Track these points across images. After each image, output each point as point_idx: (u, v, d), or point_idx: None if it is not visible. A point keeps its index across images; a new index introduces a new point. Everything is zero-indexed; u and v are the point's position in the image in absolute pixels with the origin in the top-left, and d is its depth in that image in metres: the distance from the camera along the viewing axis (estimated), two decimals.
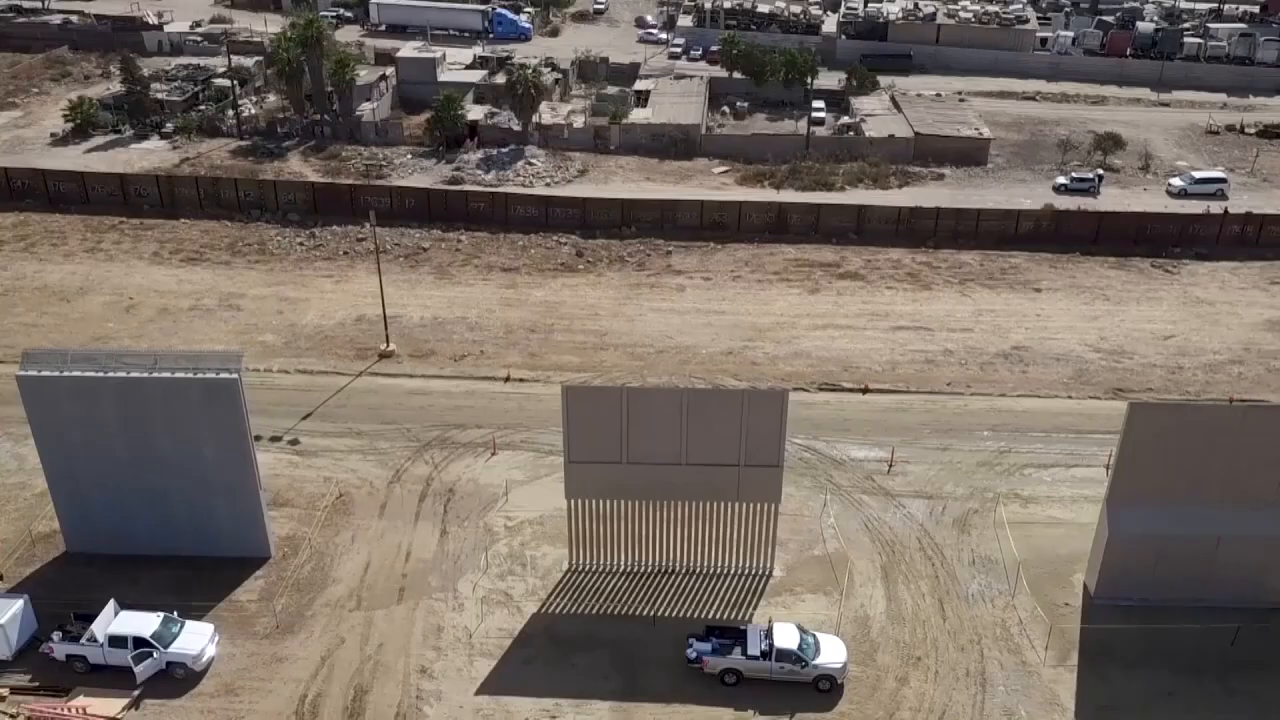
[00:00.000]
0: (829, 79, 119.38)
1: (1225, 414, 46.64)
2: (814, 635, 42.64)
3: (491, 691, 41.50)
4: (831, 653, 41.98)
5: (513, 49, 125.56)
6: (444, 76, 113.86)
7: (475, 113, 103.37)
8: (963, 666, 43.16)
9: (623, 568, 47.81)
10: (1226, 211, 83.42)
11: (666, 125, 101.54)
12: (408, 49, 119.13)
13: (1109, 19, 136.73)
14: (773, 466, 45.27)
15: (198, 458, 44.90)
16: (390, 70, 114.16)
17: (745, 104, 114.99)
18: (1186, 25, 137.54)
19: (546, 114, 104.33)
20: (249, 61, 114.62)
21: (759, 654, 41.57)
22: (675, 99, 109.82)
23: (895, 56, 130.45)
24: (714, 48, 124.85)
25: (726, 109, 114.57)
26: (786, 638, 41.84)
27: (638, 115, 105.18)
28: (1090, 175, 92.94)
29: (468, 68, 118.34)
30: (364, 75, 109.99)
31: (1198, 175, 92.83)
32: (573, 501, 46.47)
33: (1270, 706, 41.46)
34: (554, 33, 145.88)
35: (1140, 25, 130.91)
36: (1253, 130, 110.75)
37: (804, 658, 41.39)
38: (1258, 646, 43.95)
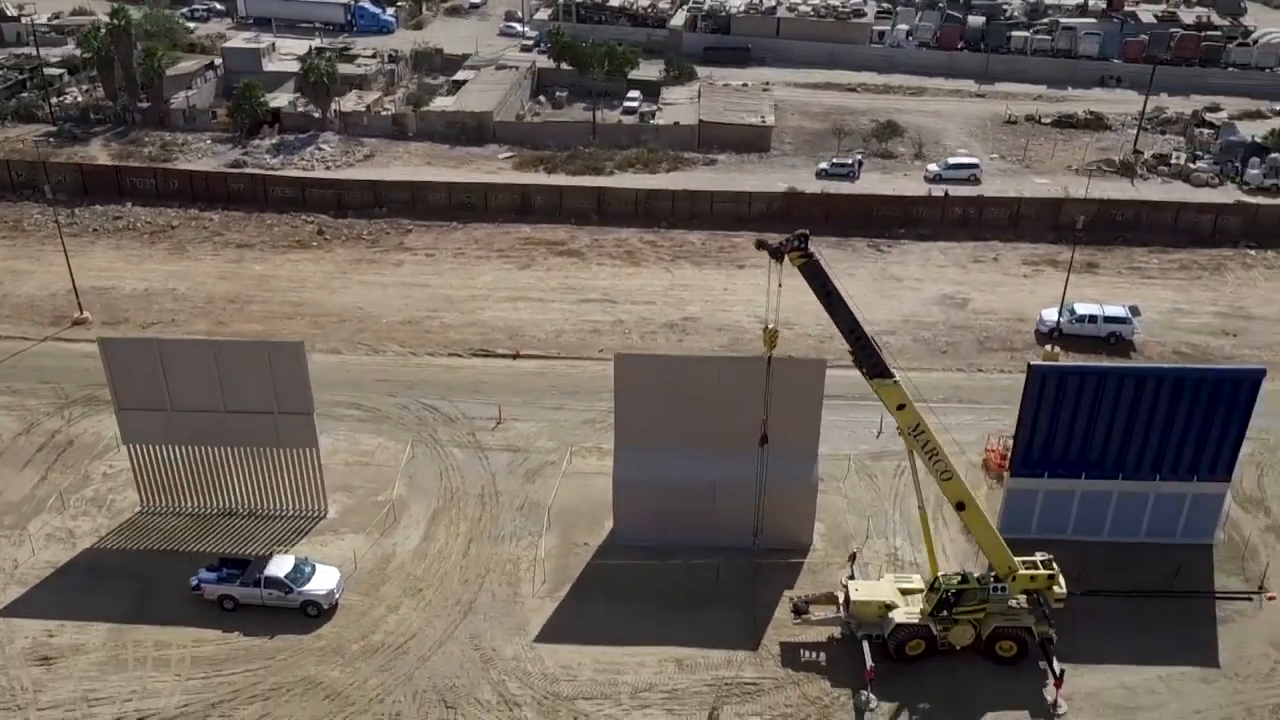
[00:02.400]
0: (651, 70, 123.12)
1: (703, 365, 50.01)
2: (312, 566, 46.37)
3: (6, 615, 45.32)
4: (321, 582, 45.72)
5: (351, 41, 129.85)
6: (271, 66, 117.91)
7: (281, 100, 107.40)
8: (457, 597, 46.85)
9: (189, 509, 51.62)
10: (947, 194, 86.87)
11: (460, 113, 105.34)
12: (238, 40, 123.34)
13: (956, 13, 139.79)
14: (304, 414, 49.06)
15: None
16: (219, 60, 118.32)
17: (564, 93, 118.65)
18: (1045, 21, 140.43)
19: (352, 102, 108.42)
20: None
21: (252, 582, 45.34)
22: (486, 88, 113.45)
23: (734, 50, 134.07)
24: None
25: (543, 98, 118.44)
26: (277, 567, 45.61)
27: (439, 103, 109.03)
28: (850, 161, 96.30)
29: (301, 58, 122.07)
30: (188, 65, 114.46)
31: (951, 161, 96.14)
32: (131, 446, 50.34)
33: (708, 628, 45.08)
34: (419, 26, 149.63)
35: (971, 19, 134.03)
36: (1047, 120, 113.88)
37: (290, 585, 45.14)
38: (737, 582, 47.40)
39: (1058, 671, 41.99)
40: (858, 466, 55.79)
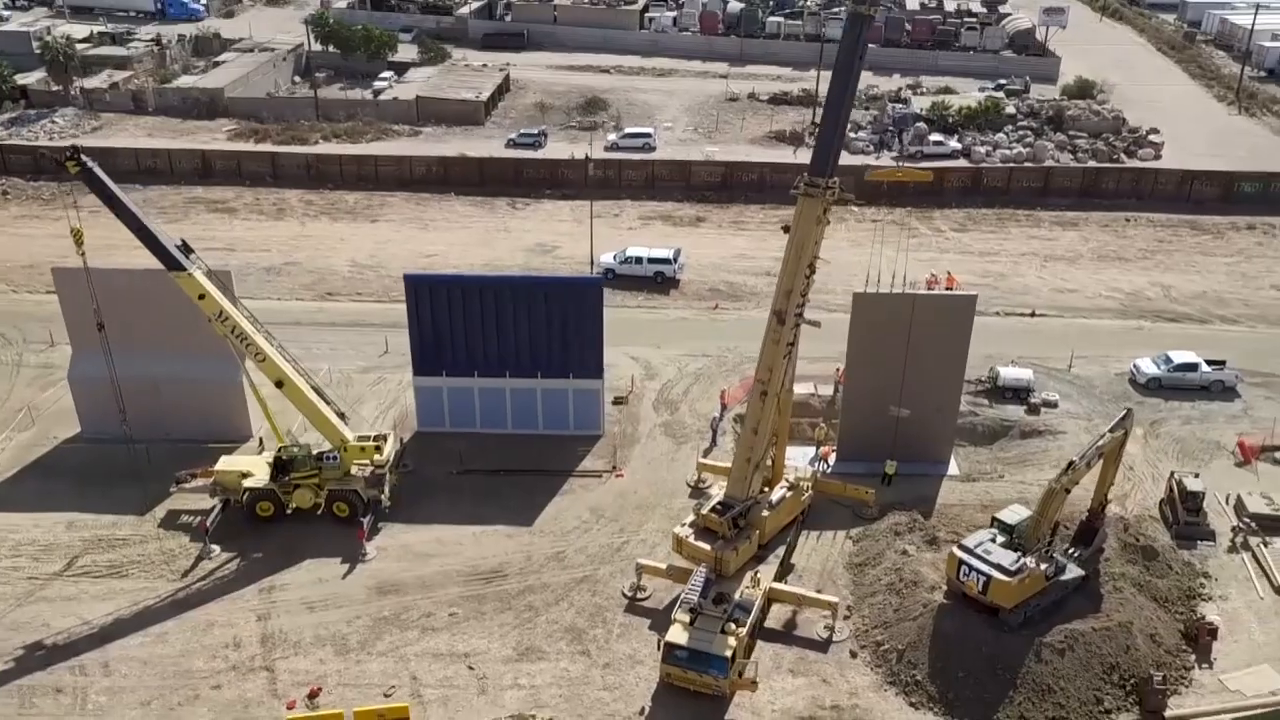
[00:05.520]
0: (412, 51, 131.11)
1: (132, 277, 57.26)
2: None
3: None
4: None
5: (130, 29, 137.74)
6: None
7: (31, 78, 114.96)
8: None
9: None
10: (588, 157, 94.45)
11: (194, 89, 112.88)
12: (14, 24, 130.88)
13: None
14: None
15: None
16: None
17: (321, 74, 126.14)
18: (836, 9, 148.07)
19: (101, 79, 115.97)
20: None
21: None
22: (238, 69, 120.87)
23: (511, 35, 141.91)
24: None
25: (298, 78, 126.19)
26: None
27: (182, 81, 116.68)
28: (535, 132, 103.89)
29: (81, 41, 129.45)
30: None
31: (628, 130, 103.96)
32: None
33: (116, 500, 52.29)
34: (230, 15, 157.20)
35: (730, 5, 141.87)
36: (764, 98, 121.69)
37: None
38: (164, 464, 54.28)
39: (365, 524, 49.54)
40: (343, 379, 62.97)
